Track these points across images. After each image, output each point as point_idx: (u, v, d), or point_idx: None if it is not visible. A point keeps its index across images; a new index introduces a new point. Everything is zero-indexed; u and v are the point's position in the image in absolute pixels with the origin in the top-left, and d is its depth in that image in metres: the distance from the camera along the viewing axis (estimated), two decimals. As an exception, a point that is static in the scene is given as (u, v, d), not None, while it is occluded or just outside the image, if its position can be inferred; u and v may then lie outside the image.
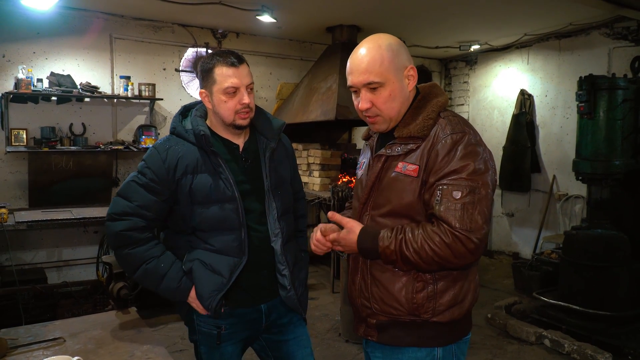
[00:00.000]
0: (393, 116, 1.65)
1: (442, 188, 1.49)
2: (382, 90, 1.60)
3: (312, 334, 4.43)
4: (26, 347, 1.90)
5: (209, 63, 1.92)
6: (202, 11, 5.40)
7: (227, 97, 1.90)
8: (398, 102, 1.63)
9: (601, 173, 4.32)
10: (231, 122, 1.94)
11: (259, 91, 6.71)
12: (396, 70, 1.61)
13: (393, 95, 1.61)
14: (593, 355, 3.85)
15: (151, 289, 1.96)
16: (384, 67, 1.58)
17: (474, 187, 1.49)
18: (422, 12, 5.53)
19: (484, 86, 7.78)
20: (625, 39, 5.80)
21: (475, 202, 1.48)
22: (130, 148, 5.52)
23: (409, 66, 1.64)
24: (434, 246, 1.47)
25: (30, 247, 5.28)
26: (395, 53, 1.60)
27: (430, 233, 1.48)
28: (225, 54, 1.92)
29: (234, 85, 1.89)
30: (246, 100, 1.91)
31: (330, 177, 6.18)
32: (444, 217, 1.47)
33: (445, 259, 1.48)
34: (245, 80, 1.92)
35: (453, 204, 1.47)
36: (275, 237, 2.00)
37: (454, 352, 1.68)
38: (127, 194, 1.92)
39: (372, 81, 1.59)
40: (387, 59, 1.59)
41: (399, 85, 1.62)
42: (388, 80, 1.60)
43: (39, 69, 5.22)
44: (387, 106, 1.62)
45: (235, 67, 1.90)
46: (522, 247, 7.20)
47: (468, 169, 1.49)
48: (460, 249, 1.46)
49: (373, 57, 1.59)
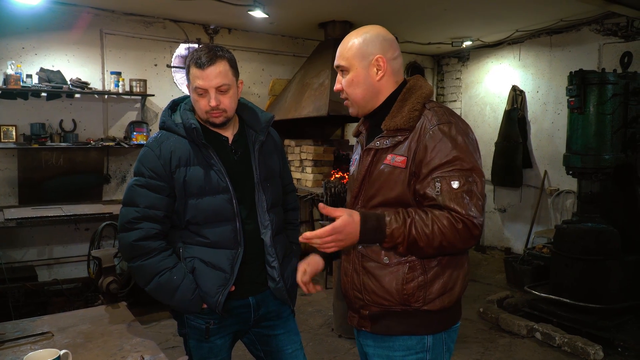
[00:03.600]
0: (357, 101, 1.73)
1: (439, 179, 1.52)
2: (347, 75, 1.71)
3: (305, 330, 4.43)
4: (14, 341, 1.87)
5: (188, 60, 1.92)
6: (193, 6, 5.38)
7: (198, 97, 1.90)
8: (361, 88, 1.70)
9: (591, 167, 4.34)
10: (205, 119, 1.94)
11: (251, 87, 6.69)
12: (362, 57, 1.67)
13: (356, 81, 1.69)
14: (583, 348, 3.88)
15: (164, 302, 1.94)
16: (351, 53, 1.68)
17: (468, 175, 1.53)
18: (414, 8, 5.54)
19: (476, 82, 7.80)
20: (615, 35, 5.83)
21: (472, 190, 1.53)
22: (121, 144, 5.49)
23: (378, 56, 1.67)
24: (443, 228, 1.49)
25: (20, 244, 5.23)
26: (366, 42, 1.67)
27: (438, 216, 1.51)
28: (199, 53, 1.87)
29: (201, 87, 1.86)
30: (213, 104, 1.87)
31: (323, 173, 6.18)
32: (449, 206, 1.50)
33: (452, 242, 1.51)
34: (214, 82, 1.85)
35: (454, 193, 1.51)
36: (265, 229, 2.00)
37: (444, 340, 1.70)
38: (132, 200, 1.90)
39: (339, 65, 1.72)
40: (356, 46, 1.68)
41: (363, 72, 1.68)
42: (352, 65, 1.68)
43: (29, 64, 5.17)
44: (351, 91, 1.72)
45: (201, 69, 1.84)
46: (514, 242, 7.23)
47: (460, 159, 1.53)
48: (466, 234, 1.51)
49: (346, 43, 1.70)
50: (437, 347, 1.68)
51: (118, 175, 5.80)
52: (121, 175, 5.82)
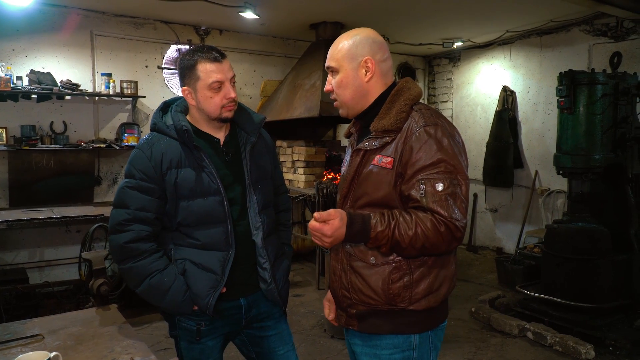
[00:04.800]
0: (346, 102, 1.75)
1: (424, 181, 1.54)
2: (337, 76, 1.73)
3: (298, 330, 4.43)
4: (4, 344, 1.87)
5: (191, 60, 1.91)
6: (184, 7, 5.36)
7: (213, 93, 1.90)
8: (350, 90, 1.72)
9: (582, 167, 4.37)
10: (217, 116, 1.95)
11: (242, 88, 6.68)
12: (351, 59, 1.70)
13: (345, 82, 1.72)
14: (575, 347, 3.90)
15: (155, 304, 1.94)
16: (341, 54, 1.71)
17: (452, 178, 1.55)
18: (405, 8, 5.55)
19: (467, 83, 7.84)
20: (604, 36, 5.88)
21: (457, 192, 1.55)
22: (112, 146, 5.47)
23: (367, 57, 1.69)
24: (426, 230, 1.52)
25: (10, 247, 5.20)
26: (355, 44, 1.70)
27: (422, 218, 1.53)
28: (206, 50, 1.92)
29: (219, 80, 1.89)
30: (232, 95, 1.93)
31: (315, 174, 6.18)
32: (432, 208, 1.53)
33: (435, 244, 1.54)
34: (229, 73, 1.93)
35: (438, 196, 1.53)
36: (257, 230, 2.00)
37: (431, 338, 1.72)
38: (122, 201, 1.90)
39: (329, 66, 1.75)
40: (345, 48, 1.70)
41: (352, 74, 1.71)
42: (342, 67, 1.71)
43: (19, 66, 5.15)
44: (340, 92, 1.74)
45: (218, 62, 1.90)
46: (505, 242, 7.27)
47: (445, 161, 1.55)
48: (449, 237, 1.53)
49: (337, 45, 1.73)
50: (424, 346, 1.70)
51: (109, 177, 5.77)
52: (112, 177, 5.79)
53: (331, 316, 1.92)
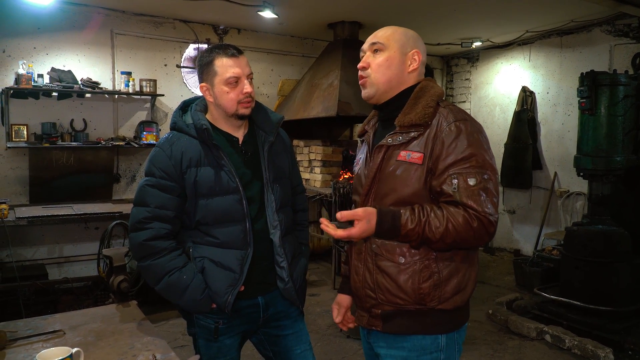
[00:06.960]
0: (381, 83, 1.70)
1: (456, 176, 1.54)
2: (381, 54, 1.70)
3: (314, 330, 4.43)
4: (26, 339, 1.89)
5: (209, 56, 1.94)
6: (203, 7, 5.40)
7: (230, 88, 1.91)
8: (391, 71, 1.70)
9: (602, 169, 4.31)
10: (234, 112, 1.95)
11: (260, 87, 6.70)
12: (401, 45, 1.70)
13: (389, 64, 1.69)
14: (593, 351, 3.85)
15: (174, 302, 1.95)
16: (392, 37, 1.71)
17: (483, 172, 1.55)
18: (424, 8, 5.52)
19: (485, 83, 7.77)
20: (626, 36, 5.79)
21: (488, 187, 1.54)
22: (131, 144, 5.52)
23: (415, 50, 1.71)
24: (457, 226, 1.50)
25: (30, 243, 5.28)
26: (408, 35, 1.73)
27: (454, 213, 1.52)
28: (224, 47, 1.94)
29: (236, 75, 1.90)
30: (248, 90, 1.93)
31: (332, 173, 6.18)
32: (466, 203, 1.52)
33: (466, 239, 1.53)
34: (246, 69, 1.94)
35: (470, 190, 1.52)
36: (274, 229, 2.00)
37: (456, 339, 1.70)
38: (142, 200, 1.91)
39: (376, 41, 1.71)
40: (398, 33, 1.72)
41: (399, 58, 1.70)
42: (390, 47, 1.69)
43: (40, 64, 5.22)
44: (379, 70, 1.70)
45: (235, 57, 1.92)
46: (523, 244, 7.20)
47: (476, 156, 1.55)
48: (482, 231, 1.52)
49: (387, 28, 1.74)
50: (450, 347, 1.68)
51: (128, 174, 5.83)
52: (131, 174, 5.85)
53: (338, 319, 1.92)
